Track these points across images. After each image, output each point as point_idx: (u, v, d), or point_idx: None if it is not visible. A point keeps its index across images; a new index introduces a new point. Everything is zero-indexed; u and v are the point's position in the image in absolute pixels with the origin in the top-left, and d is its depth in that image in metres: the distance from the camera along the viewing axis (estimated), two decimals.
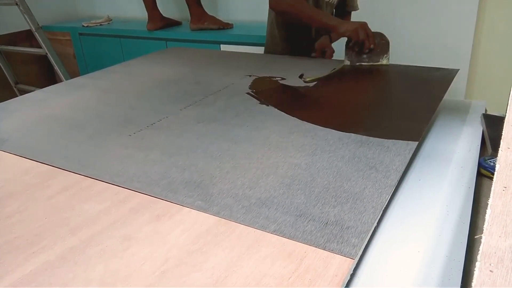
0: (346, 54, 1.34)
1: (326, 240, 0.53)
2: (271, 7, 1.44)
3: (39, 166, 0.78)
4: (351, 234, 0.54)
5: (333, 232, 0.55)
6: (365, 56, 1.32)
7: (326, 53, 1.51)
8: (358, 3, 1.63)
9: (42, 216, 0.62)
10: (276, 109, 0.97)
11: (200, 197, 0.64)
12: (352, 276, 0.50)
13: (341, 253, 0.51)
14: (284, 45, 1.53)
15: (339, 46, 1.44)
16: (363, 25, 1.30)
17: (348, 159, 0.73)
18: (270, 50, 1.58)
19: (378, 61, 1.30)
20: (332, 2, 1.54)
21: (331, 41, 1.55)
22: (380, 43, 1.31)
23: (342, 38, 1.41)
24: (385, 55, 1.31)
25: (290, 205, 0.61)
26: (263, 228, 0.57)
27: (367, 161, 0.72)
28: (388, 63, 1.29)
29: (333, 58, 1.52)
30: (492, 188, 0.37)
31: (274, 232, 0.56)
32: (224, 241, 0.55)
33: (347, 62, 1.33)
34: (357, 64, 1.32)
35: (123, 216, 0.61)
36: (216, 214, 0.60)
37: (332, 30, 1.35)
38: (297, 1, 1.36)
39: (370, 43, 1.29)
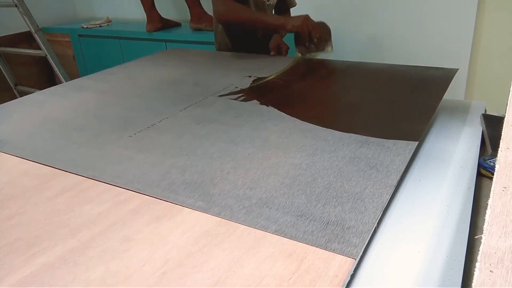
0: (296, 47, 1.42)
1: (327, 240, 0.54)
2: (218, 21, 1.50)
3: (39, 168, 0.78)
4: (352, 234, 0.54)
5: (334, 232, 0.55)
6: (312, 46, 1.40)
7: (281, 50, 1.53)
8: None
9: (42, 217, 0.62)
10: (276, 110, 0.97)
11: (200, 198, 0.64)
12: (352, 276, 0.50)
13: (342, 253, 0.51)
14: (236, 49, 1.58)
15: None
16: (307, 18, 1.37)
17: (349, 159, 0.73)
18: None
19: (324, 49, 1.40)
20: (272, 3, 1.58)
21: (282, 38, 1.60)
22: (324, 32, 1.39)
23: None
24: (329, 43, 1.40)
25: (291, 206, 0.61)
26: (264, 228, 0.57)
27: (367, 161, 0.72)
28: (332, 51, 1.39)
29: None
30: (492, 189, 0.37)
31: (275, 232, 0.56)
32: (224, 242, 0.55)
33: (299, 55, 1.41)
34: (307, 55, 1.40)
35: (123, 217, 0.61)
36: (217, 214, 0.60)
37: (280, 28, 1.42)
38: (239, 9, 1.42)
39: (316, 33, 1.36)
